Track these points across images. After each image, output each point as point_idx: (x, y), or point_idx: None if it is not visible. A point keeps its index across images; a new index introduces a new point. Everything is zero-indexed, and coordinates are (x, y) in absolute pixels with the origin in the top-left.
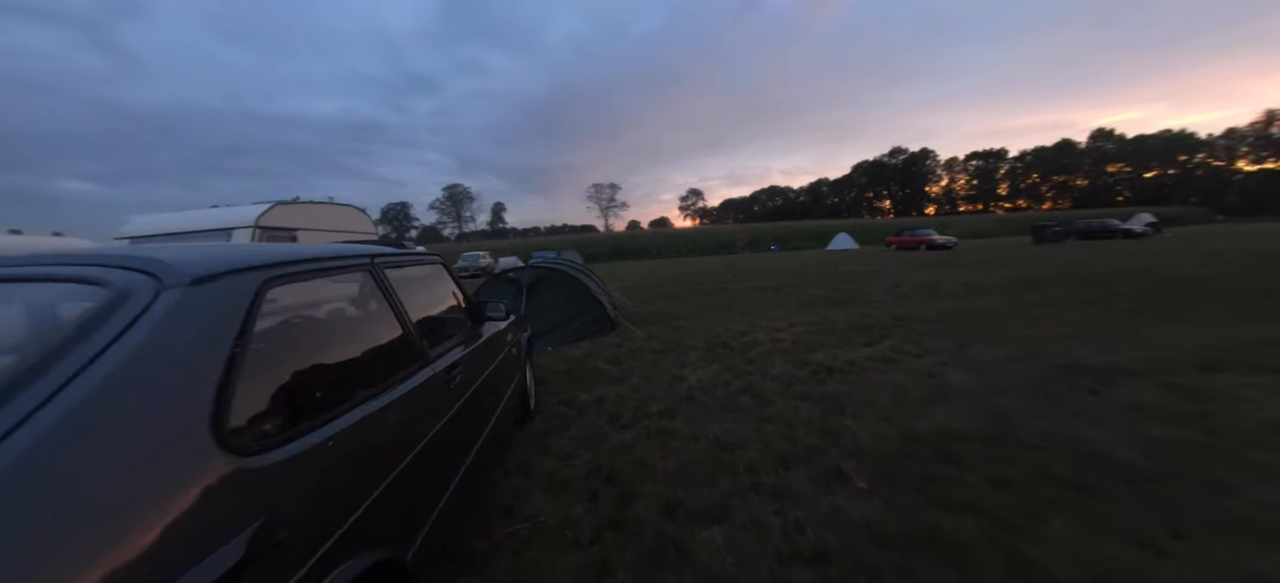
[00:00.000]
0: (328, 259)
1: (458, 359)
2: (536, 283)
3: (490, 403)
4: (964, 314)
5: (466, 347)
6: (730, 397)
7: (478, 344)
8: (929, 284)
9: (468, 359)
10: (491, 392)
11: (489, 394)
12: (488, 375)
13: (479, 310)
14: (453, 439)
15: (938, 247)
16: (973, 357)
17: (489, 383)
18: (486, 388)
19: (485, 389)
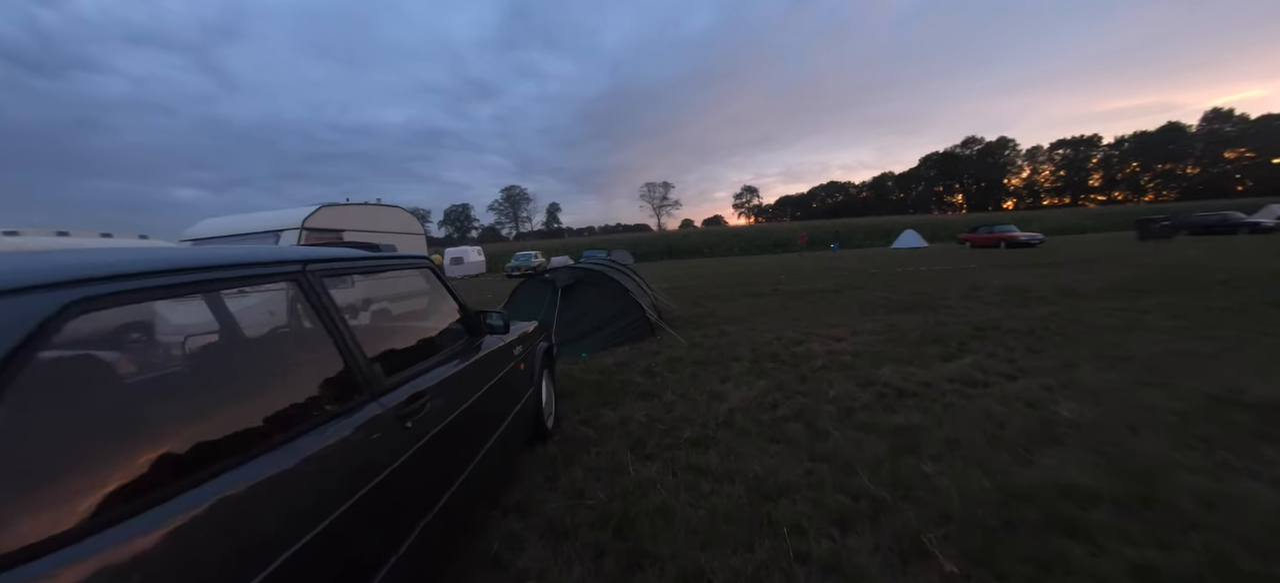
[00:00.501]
0: (210, 269)
1: (433, 386)
2: (573, 285)
3: (481, 429)
4: (1064, 324)
5: (454, 366)
6: (777, 423)
7: (469, 363)
8: (1015, 287)
9: (451, 382)
10: (484, 416)
11: (480, 420)
12: (480, 398)
13: (477, 322)
14: (406, 489)
15: (1020, 244)
16: (1085, 381)
17: (481, 406)
18: (477, 413)
19: (475, 414)
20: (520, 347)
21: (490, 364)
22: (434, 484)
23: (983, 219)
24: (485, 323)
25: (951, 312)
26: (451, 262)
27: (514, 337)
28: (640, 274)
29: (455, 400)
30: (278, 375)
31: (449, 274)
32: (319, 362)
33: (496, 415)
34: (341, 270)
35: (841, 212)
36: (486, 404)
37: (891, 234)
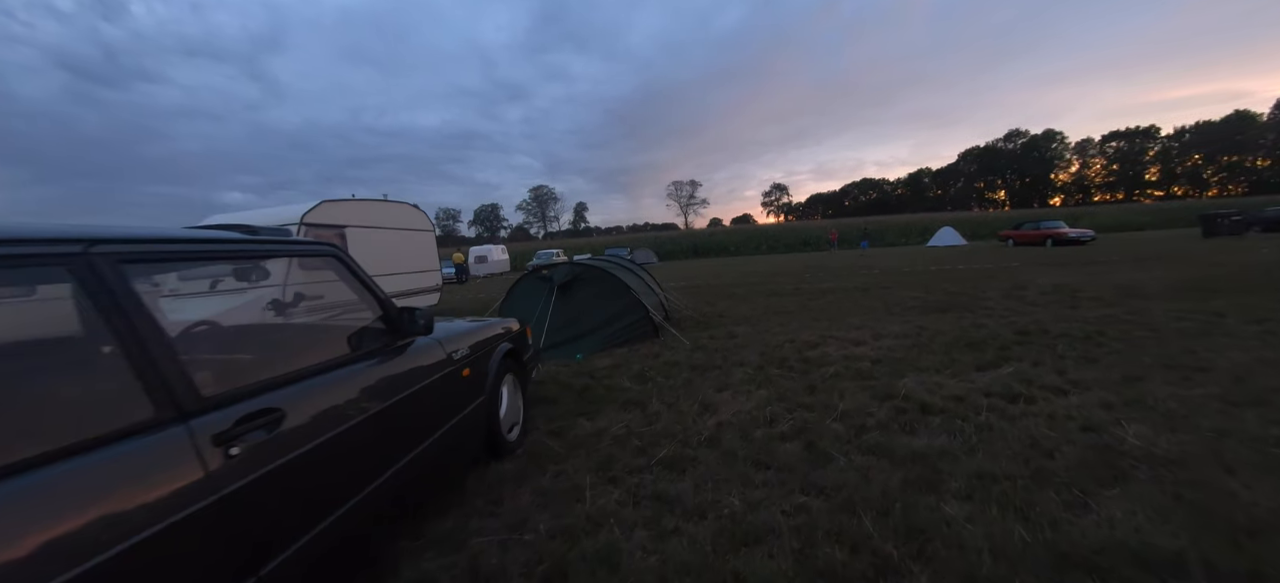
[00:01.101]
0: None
1: (297, 401)
2: (571, 282)
3: (386, 449)
4: (1124, 328)
5: (342, 376)
6: (770, 443)
7: (370, 371)
8: (1064, 287)
9: (332, 395)
10: (392, 433)
11: (383, 437)
12: (384, 411)
13: (401, 322)
14: (225, 531)
15: (1068, 241)
16: (1155, 398)
17: (388, 421)
18: (379, 429)
19: (376, 430)
20: (464, 350)
21: (406, 372)
22: (285, 521)
23: (1027, 216)
24: (410, 323)
25: (990, 313)
26: (475, 260)
27: (455, 338)
28: (651, 272)
29: (339, 416)
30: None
31: (474, 272)
32: (91, 373)
33: (415, 431)
34: (158, 257)
35: (875, 209)
36: (397, 418)
37: (928, 232)
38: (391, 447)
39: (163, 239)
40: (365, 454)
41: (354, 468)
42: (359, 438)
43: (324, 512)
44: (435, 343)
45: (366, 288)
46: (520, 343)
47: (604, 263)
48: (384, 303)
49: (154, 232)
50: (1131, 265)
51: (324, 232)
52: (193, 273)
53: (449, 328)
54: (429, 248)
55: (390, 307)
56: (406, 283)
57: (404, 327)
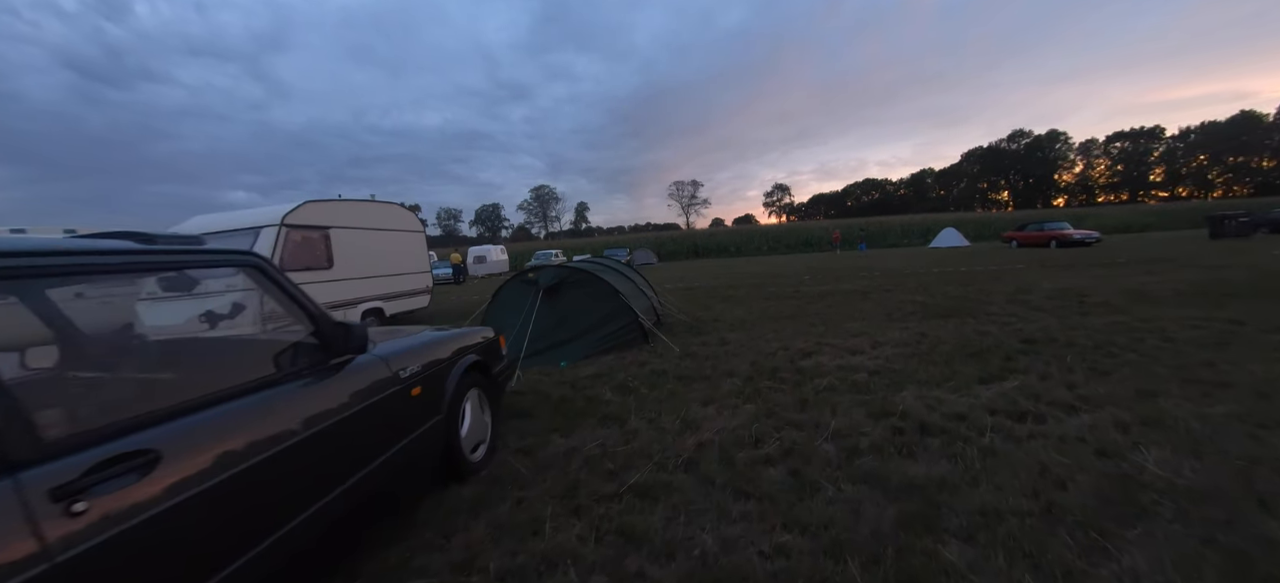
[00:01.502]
0: None
1: (170, 441)
2: (557, 285)
3: (305, 487)
4: (1135, 337)
5: (241, 407)
6: (754, 467)
7: (281, 398)
8: (1071, 291)
9: (228, 430)
10: (313, 469)
11: (304, 474)
12: (304, 444)
13: (337, 338)
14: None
15: (1073, 242)
16: (1174, 417)
17: (309, 455)
18: (297, 465)
19: (294, 466)
20: (414, 366)
21: (337, 395)
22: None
23: (1031, 216)
24: (348, 339)
25: (995, 319)
26: (474, 260)
27: (404, 355)
28: (648, 274)
29: (243, 453)
30: None
31: (472, 273)
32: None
33: (347, 461)
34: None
35: (878, 209)
36: (323, 449)
37: (930, 232)
38: (316, 482)
39: (16, 252)
40: (278, 494)
41: (261, 512)
42: (270, 475)
43: (215, 567)
44: (377, 361)
45: (294, 301)
46: (490, 355)
47: (592, 266)
48: (316, 318)
49: (9, 243)
50: (1139, 268)
51: (306, 233)
52: (56, 292)
53: (398, 343)
54: (419, 249)
55: (324, 322)
56: (395, 285)
57: (337, 345)
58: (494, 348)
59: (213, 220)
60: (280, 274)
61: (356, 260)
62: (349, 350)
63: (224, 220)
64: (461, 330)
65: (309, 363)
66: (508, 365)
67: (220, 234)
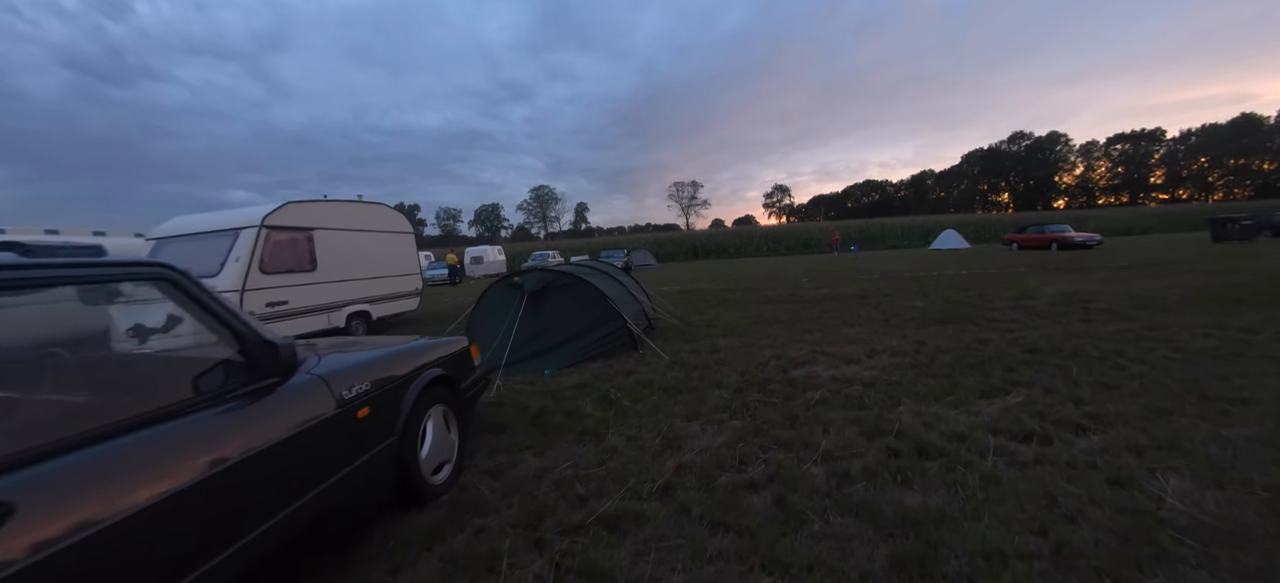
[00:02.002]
0: None
1: (30, 489)
2: (543, 289)
3: (214, 529)
4: (1143, 347)
5: (149, 440)
6: (735, 494)
7: (201, 426)
8: (1074, 296)
9: (125, 464)
10: (227, 507)
11: (214, 514)
12: (215, 480)
13: (265, 356)
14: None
15: (1074, 245)
16: (1191, 440)
17: (221, 492)
18: (205, 504)
19: (201, 505)
20: (362, 385)
21: (262, 422)
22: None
23: (1031, 218)
24: (275, 360)
25: (996, 326)
26: (472, 261)
27: (349, 373)
28: (645, 275)
29: (132, 492)
30: None
31: (469, 273)
32: None
33: (273, 496)
34: None
35: (878, 211)
36: (240, 484)
37: (930, 234)
38: (231, 524)
39: None
40: (177, 539)
41: (154, 561)
42: (170, 521)
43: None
44: (315, 382)
45: (215, 317)
46: (458, 368)
47: (580, 269)
48: (242, 335)
49: None
50: (1143, 272)
51: (288, 234)
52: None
53: (344, 360)
54: (407, 251)
55: (251, 340)
56: (382, 287)
57: (264, 366)
58: (463, 360)
59: (192, 221)
60: (199, 287)
61: (341, 262)
62: (275, 373)
63: (202, 221)
64: (426, 342)
65: (231, 388)
66: (481, 377)
67: (198, 235)
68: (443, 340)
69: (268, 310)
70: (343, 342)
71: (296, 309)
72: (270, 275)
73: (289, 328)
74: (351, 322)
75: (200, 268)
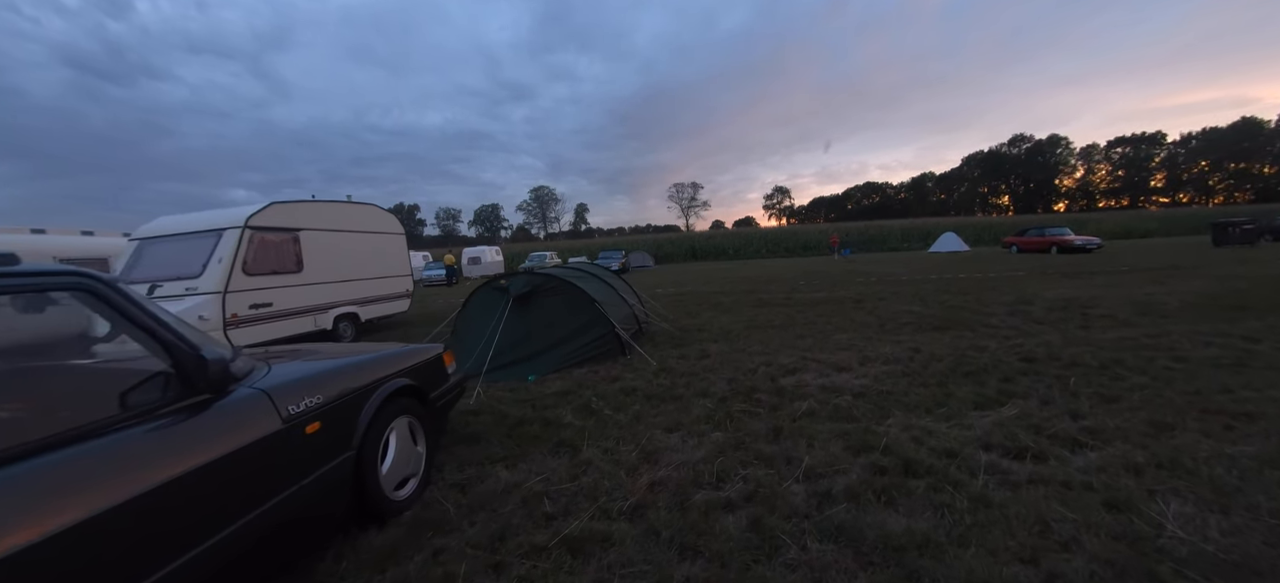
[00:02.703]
0: None
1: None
2: (529, 293)
3: (135, 559)
4: (1144, 356)
5: (54, 465)
6: (709, 515)
7: (120, 448)
8: (1074, 301)
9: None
10: (148, 533)
11: (133, 543)
12: (135, 503)
13: (195, 370)
14: None
15: (1074, 249)
16: (1193, 457)
17: (142, 517)
18: (121, 532)
19: (116, 534)
20: (312, 399)
21: (192, 442)
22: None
23: (1032, 221)
24: (206, 371)
25: (993, 333)
26: (469, 261)
27: (296, 386)
28: (634, 279)
29: (31, 522)
30: None
31: (466, 274)
32: None
33: (204, 520)
34: None
35: (879, 213)
36: (165, 508)
37: (930, 236)
38: (146, 551)
39: None
40: (85, 574)
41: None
42: (70, 550)
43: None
44: (257, 396)
45: (144, 330)
46: (427, 377)
47: (568, 273)
48: (172, 348)
49: None
50: (1143, 277)
51: (273, 235)
52: None
53: (294, 371)
54: (398, 252)
55: (182, 353)
56: (371, 289)
57: (198, 382)
58: (433, 369)
59: (175, 222)
60: (125, 297)
61: (329, 264)
62: (207, 389)
63: (187, 222)
64: (393, 350)
65: (159, 404)
66: (455, 386)
67: (181, 236)
68: (412, 348)
69: (252, 313)
70: (303, 350)
71: (282, 311)
72: (254, 277)
73: (274, 330)
74: (340, 324)
75: (182, 269)
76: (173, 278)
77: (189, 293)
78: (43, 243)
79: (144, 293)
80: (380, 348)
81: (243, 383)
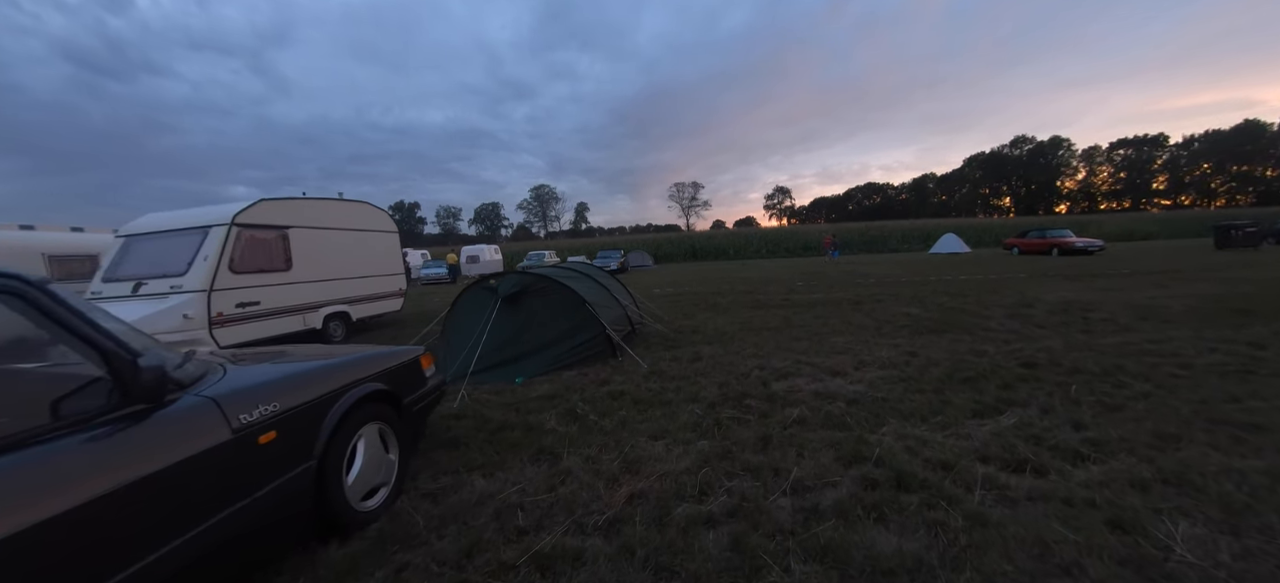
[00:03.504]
0: None
1: None
2: (518, 293)
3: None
4: (1147, 363)
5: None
6: (690, 531)
7: (42, 464)
8: (1075, 304)
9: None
10: (72, 552)
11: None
12: (59, 521)
13: (128, 377)
14: None
15: (1076, 251)
16: (1201, 471)
17: (67, 535)
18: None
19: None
20: (267, 408)
21: (125, 455)
22: None
23: (1032, 223)
24: (139, 379)
25: (992, 337)
26: (467, 260)
27: (248, 393)
28: (630, 279)
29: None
30: None
31: (465, 272)
32: None
33: (140, 536)
34: None
35: (879, 213)
36: (94, 524)
37: (931, 238)
38: (72, 570)
39: None
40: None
41: None
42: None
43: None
44: (205, 404)
45: (77, 336)
46: (402, 381)
47: (559, 272)
48: (108, 355)
49: None
50: (1145, 280)
51: (261, 233)
52: None
53: (248, 377)
54: (391, 250)
55: (119, 359)
56: (362, 288)
57: (134, 391)
58: (409, 372)
59: (162, 219)
60: (56, 301)
61: (319, 262)
62: (142, 398)
63: (173, 219)
64: (365, 353)
65: (93, 416)
66: (434, 390)
67: (167, 233)
68: (386, 350)
69: (238, 312)
70: (264, 354)
71: (269, 310)
72: (241, 275)
73: (262, 330)
74: (330, 323)
75: (167, 267)
76: (157, 275)
77: (173, 291)
78: (31, 240)
79: (129, 291)
80: (352, 351)
81: (191, 390)
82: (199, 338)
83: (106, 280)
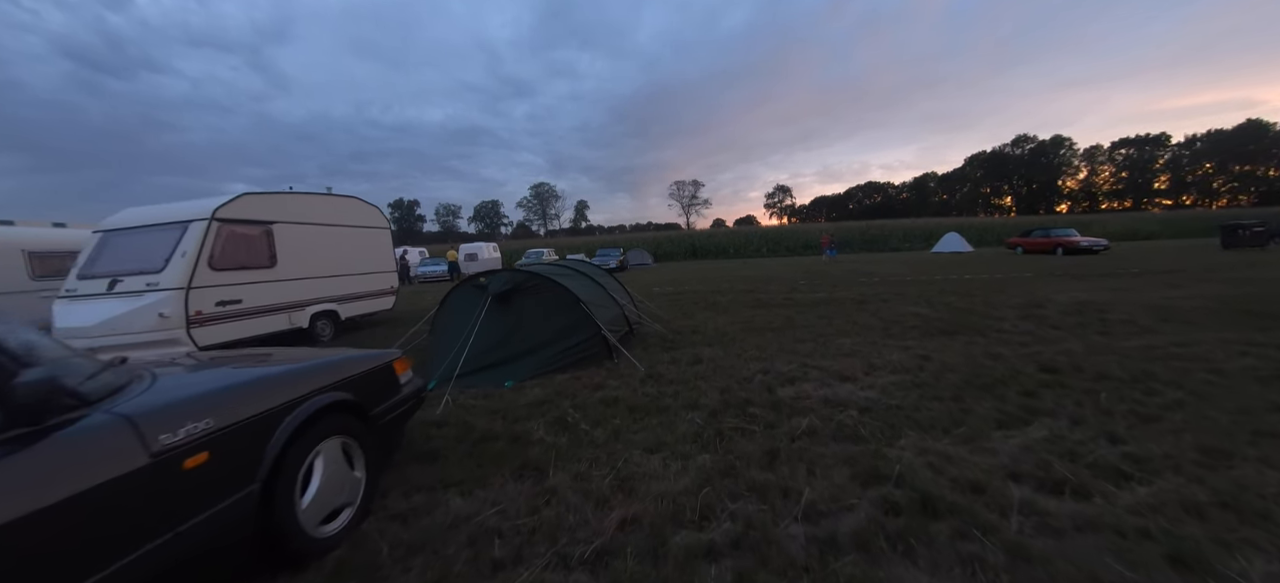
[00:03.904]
0: None
1: None
2: (510, 292)
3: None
4: (1176, 367)
5: None
6: (688, 564)
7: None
8: (1088, 305)
9: None
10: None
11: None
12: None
13: (19, 403)
14: None
15: (1080, 250)
16: (1261, 492)
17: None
18: None
19: None
20: (197, 425)
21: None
22: None
23: (1034, 222)
24: (13, 396)
25: (1007, 339)
26: (465, 258)
27: (174, 409)
28: (631, 278)
29: None
30: None
31: (464, 269)
32: None
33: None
34: None
35: (880, 212)
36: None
37: (933, 237)
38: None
39: None
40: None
41: None
42: None
43: None
44: (116, 424)
45: None
46: (370, 389)
47: (553, 270)
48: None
49: None
50: (1156, 280)
51: (243, 228)
52: None
53: (175, 390)
54: (382, 247)
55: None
56: (351, 286)
57: (19, 413)
58: (379, 379)
59: (141, 213)
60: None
61: (305, 259)
62: (20, 419)
63: (152, 213)
64: (323, 359)
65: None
66: (409, 398)
67: (145, 228)
68: (352, 355)
69: (218, 310)
70: (202, 360)
71: (252, 309)
72: (221, 272)
73: (244, 329)
74: (317, 323)
75: (144, 264)
76: (134, 272)
77: (149, 289)
78: (9, 235)
79: (104, 288)
80: (311, 356)
81: (101, 407)
82: (176, 338)
83: (81, 277)
